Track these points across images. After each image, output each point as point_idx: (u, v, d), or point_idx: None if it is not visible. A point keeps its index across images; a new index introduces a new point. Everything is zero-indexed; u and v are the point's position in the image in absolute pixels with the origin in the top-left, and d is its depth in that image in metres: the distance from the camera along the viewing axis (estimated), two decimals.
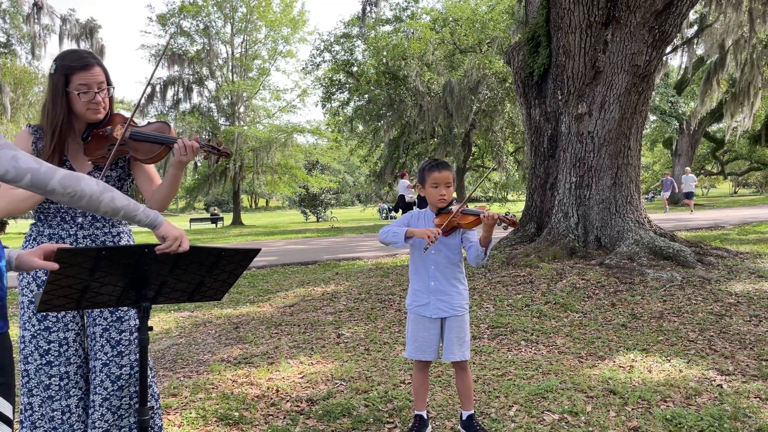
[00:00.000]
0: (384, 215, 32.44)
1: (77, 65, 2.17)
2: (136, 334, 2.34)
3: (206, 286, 1.96)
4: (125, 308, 2.29)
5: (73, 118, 2.27)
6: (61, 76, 2.18)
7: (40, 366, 2.23)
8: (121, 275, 1.75)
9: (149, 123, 2.36)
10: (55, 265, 1.59)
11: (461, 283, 2.92)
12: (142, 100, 2.99)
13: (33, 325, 2.24)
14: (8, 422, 1.58)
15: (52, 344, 2.24)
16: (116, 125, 2.29)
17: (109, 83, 2.27)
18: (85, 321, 2.37)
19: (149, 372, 2.42)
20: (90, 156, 2.25)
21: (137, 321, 2.32)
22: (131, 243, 2.40)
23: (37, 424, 2.24)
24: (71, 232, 2.26)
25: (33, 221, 2.32)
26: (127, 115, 2.36)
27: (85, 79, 2.18)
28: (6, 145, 1.46)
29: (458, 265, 2.91)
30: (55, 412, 2.24)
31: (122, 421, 2.32)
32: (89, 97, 2.20)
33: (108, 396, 2.29)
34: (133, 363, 2.33)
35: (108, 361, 2.30)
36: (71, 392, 2.26)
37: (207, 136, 29.10)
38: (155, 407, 2.45)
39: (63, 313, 2.24)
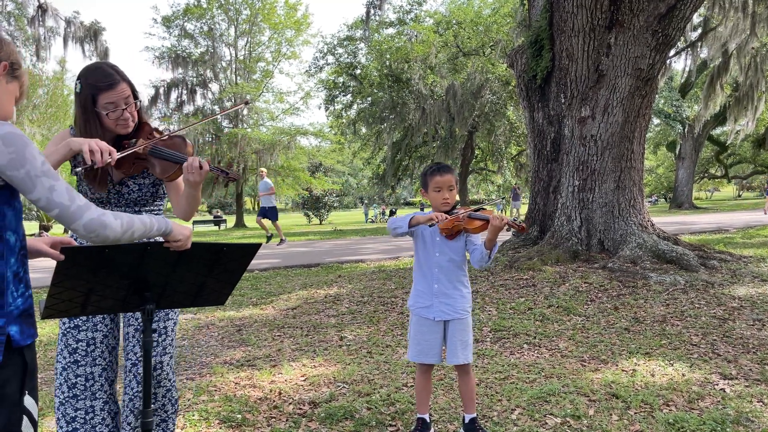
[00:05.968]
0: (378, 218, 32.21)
1: (103, 85, 2.15)
2: (164, 337, 2.35)
3: (209, 287, 1.96)
4: (158, 311, 2.28)
5: (106, 132, 2.27)
6: (88, 95, 2.17)
7: (68, 364, 2.25)
8: (124, 276, 1.75)
9: (170, 134, 2.31)
10: (61, 256, 1.62)
11: (465, 287, 2.92)
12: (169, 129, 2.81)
13: (64, 323, 2.26)
14: (34, 423, 1.62)
15: (80, 343, 2.25)
16: (140, 138, 2.28)
17: (135, 97, 2.27)
18: (121, 321, 2.39)
19: (172, 375, 2.42)
20: (119, 168, 2.26)
21: (166, 323, 2.33)
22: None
23: (60, 422, 2.25)
24: None
25: None
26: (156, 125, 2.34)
27: (111, 97, 2.17)
28: (46, 174, 1.49)
29: (462, 268, 2.92)
30: (78, 412, 2.24)
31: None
32: (117, 115, 2.20)
33: (133, 397, 2.30)
34: (158, 365, 2.33)
35: (137, 362, 2.31)
36: (97, 394, 2.26)
37: (219, 159, 28.76)
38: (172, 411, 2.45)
39: None
